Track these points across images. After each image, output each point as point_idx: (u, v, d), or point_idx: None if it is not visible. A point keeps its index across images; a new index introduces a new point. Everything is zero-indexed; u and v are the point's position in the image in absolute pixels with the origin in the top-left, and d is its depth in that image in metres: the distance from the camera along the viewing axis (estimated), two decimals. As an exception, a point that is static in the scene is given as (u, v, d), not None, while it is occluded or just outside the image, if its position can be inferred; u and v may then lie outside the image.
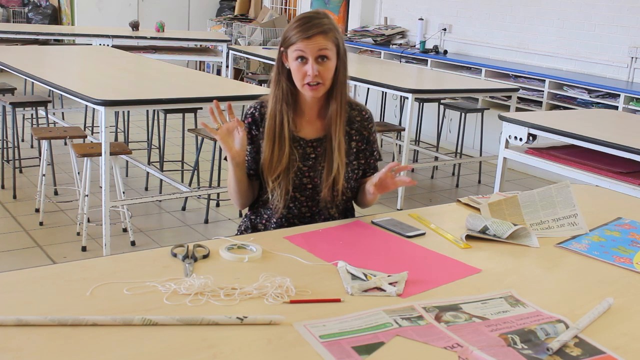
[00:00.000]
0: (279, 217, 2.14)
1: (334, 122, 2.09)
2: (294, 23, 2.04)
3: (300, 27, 2.01)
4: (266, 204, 2.17)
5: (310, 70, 2.01)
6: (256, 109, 2.15)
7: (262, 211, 2.19)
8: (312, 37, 2.00)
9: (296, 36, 2.00)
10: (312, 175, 2.12)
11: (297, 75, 2.04)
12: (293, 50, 2.01)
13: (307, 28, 2.00)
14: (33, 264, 3.40)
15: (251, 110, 2.16)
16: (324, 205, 2.14)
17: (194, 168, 4.70)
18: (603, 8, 5.96)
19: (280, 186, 2.09)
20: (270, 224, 2.17)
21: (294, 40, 2.01)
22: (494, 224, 1.93)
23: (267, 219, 2.18)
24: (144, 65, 5.25)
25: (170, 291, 1.45)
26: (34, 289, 1.44)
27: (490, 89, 5.76)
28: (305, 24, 2.01)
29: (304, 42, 2.00)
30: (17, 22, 10.23)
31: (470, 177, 5.98)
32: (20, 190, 4.73)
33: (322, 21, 2.03)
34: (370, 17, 8.32)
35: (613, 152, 3.29)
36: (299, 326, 1.34)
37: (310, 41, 2.00)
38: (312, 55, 2.00)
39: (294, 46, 2.01)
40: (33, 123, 5.50)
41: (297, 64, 2.02)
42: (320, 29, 2.01)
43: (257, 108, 2.15)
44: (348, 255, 1.72)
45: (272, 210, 2.14)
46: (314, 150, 2.12)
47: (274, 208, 2.12)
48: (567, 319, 1.45)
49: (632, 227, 2.09)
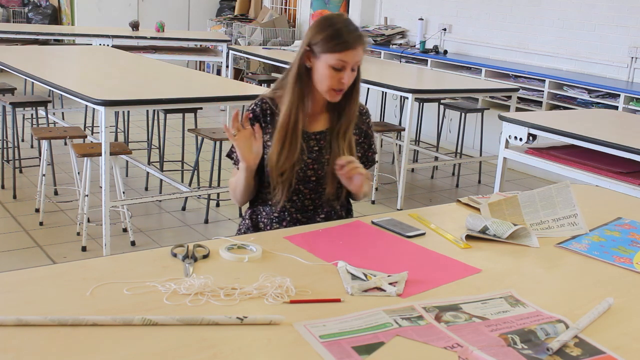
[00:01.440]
0: (281, 210, 2.15)
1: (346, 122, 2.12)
2: (332, 30, 2.01)
3: (344, 37, 2.00)
4: (266, 201, 2.18)
5: (346, 79, 2.03)
6: (257, 105, 2.16)
7: (262, 208, 2.20)
8: (356, 48, 2.02)
9: (340, 46, 2.00)
10: (315, 167, 2.13)
11: (326, 81, 2.04)
12: (333, 59, 2.00)
13: (353, 39, 2.01)
14: (33, 264, 3.41)
15: (252, 107, 2.16)
16: (327, 199, 2.15)
17: (194, 168, 4.70)
18: (603, 8, 5.96)
19: (284, 180, 2.10)
20: (271, 220, 2.17)
21: (337, 49, 2.00)
22: (494, 224, 1.93)
23: (267, 215, 2.18)
24: (144, 65, 5.25)
25: (170, 291, 1.45)
26: (34, 289, 1.44)
27: (490, 89, 5.76)
28: (348, 34, 2.01)
29: (347, 53, 2.01)
30: (17, 22, 10.23)
31: (470, 177, 5.98)
32: (20, 190, 4.73)
33: (361, 31, 2.05)
34: (370, 17, 8.33)
35: (613, 152, 3.29)
36: (299, 326, 1.34)
37: (354, 52, 2.02)
38: (350, 66, 2.03)
39: (335, 55, 2.00)
40: (33, 123, 5.50)
41: (331, 70, 2.02)
42: (362, 40, 2.04)
43: (257, 104, 2.16)
44: (348, 255, 1.72)
45: (273, 204, 2.14)
46: (317, 142, 2.14)
47: (275, 201, 2.12)
48: (567, 319, 1.45)
49: (632, 227, 2.09)
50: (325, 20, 2.06)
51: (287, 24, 9.23)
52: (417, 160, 6.24)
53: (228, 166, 2.23)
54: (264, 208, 2.19)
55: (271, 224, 2.17)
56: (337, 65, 2.01)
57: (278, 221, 2.16)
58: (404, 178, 4.89)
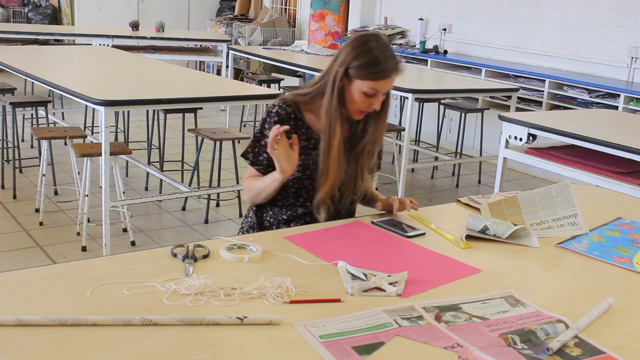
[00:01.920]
0: (290, 213, 2.15)
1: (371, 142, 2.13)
2: (370, 57, 1.98)
3: (381, 67, 1.99)
4: (275, 201, 2.17)
5: (376, 105, 2.04)
6: (281, 107, 2.11)
7: (269, 208, 2.19)
8: (392, 77, 2.02)
9: (376, 75, 1.99)
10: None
11: (356, 105, 2.04)
12: (367, 87, 2.00)
13: (390, 69, 2.00)
14: (33, 264, 3.41)
15: (276, 109, 2.11)
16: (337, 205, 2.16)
17: (194, 168, 4.70)
18: (603, 8, 5.96)
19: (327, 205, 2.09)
20: (278, 221, 2.17)
21: (372, 78, 1.99)
22: (494, 224, 1.93)
23: (274, 215, 2.17)
24: (144, 65, 5.25)
25: (170, 291, 1.45)
26: (34, 289, 1.44)
27: (490, 89, 5.76)
28: (386, 62, 1.99)
29: (382, 82, 2.01)
30: (17, 22, 10.23)
31: (470, 177, 5.98)
32: (20, 190, 4.73)
33: (398, 58, 2.03)
34: (370, 17, 8.32)
35: (613, 152, 3.29)
36: (299, 326, 1.34)
37: (389, 81, 2.02)
38: (382, 92, 2.03)
39: (370, 83, 1.99)
40: (33, 123, 5.50)
41: (362, 96, 2.02)
42: (398, 69, 2.03)
43: (281, 107, 2.11)
44: (348, 255, 1.72)
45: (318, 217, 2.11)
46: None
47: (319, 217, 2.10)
48: (567, 319, 1.45)
49: (632, 227, 2.09)
50: (363, 43, 2.01)
51: (287, 24, 9.23)
52: (417, 160, 6.24)
53: (228, 166, 2.23)
54: (272, 208, 2.18)
55: (278, 225, 2.17)
56: (370, 93, 2.01)
57: (285, 222, 2.16)
58: (404, 178, 4.89)
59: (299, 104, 2.13)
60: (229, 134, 4.41)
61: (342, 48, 2.07)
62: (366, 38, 2.03)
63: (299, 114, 2.12)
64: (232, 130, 4.75)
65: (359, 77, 2.00)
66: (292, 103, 2.12)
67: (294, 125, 2.10)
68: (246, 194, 2.20)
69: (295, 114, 2.11)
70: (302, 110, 2.12)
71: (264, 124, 2.12)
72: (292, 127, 2.10)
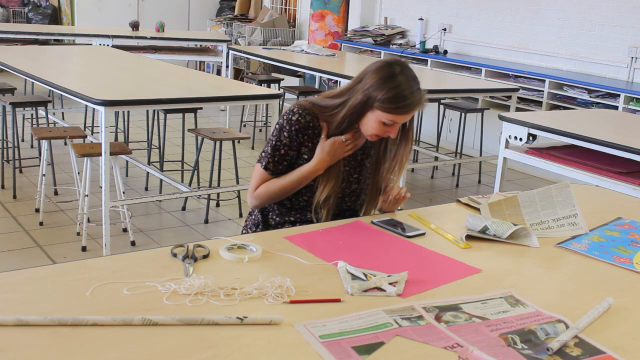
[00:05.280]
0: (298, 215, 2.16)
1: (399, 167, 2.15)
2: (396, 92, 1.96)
3: (405, 102, 1.97)
4: (282, 202, 2.18)
5: (392, 134, 2.04)
6: (302, 115, 2.09)
7: (276, 206, 2.19)
8: (412, 112, 2.01)
9: (398, 110, 1.97)
10: (342, 186, 2.16)
11: (373, 130, 2.04)
12: (387, 118, 1.99)
13: (413, 105, 1.99)
14: (33, 264, 3.41)
15: (296, 117, 2.09)
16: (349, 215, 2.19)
17: (194, 168, 4.70)
18: (603, 8, 5.95)
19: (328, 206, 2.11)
20: (284, 221, 2.18)
21: (394, 112, 1.98)
22: (494, 224, 1.93)
23: (280, 214, 2.18)
24: (144, 65, 5.25)
25: (170, 291, 1.45)
26: (34, 289, 1.44)
27: (490, 89, 5.76)
28: (411, 97, 1.98)
29: (403, 116, 2.01)
30: (17, 22, 10.23)
31: (470, 177, 5.98)
32: (20, 190, 4.72)
33: (422, 93, 2.02)
34: (370, 17, 8.32)
35: (613, 152, 3.29)
36: (299, 326, 1.34)
37: (408, 115, 2.02)
38: (401, 123, 2.03)
39: (389, 115, 1.98)
40: (33, 123, 5.50)
41: (380, 124, 2.01)
42: (420, 104, 2.02)
43: (302, 114, 2.10)
44: (348, 255, 1.72)
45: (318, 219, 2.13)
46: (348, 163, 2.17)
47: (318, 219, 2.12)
48: (567, 319, 1.45)
49: (632, 227, 2.09)
50: (390, 75, 1.98)
51: (287, 24, 9.23)
52: (417, 160, 6.24)
53: (228, 166, 2.23)
54: (280, 208, 2.19)
55: (283, 225, 2.17)
56: (389, 123, 2.01)
57: (292, 223, 2.16)
58: (404, 178, 4.89)
59: (317, 113, 2.12)
60: (229, 134, 4.40)
61: (367, 71, 2.03)
62: (394, 70, 1.99)
63: (316, 122, 2.11)
64: (232, 130, 4.75)
65: (380, 109, 1.98)
66: (310, 111, 2.10)
67: (312, 134, 2.10)
68: (259, 200, 2.16)
69: (314, 123, 2.11)
70: (319, 119, 2.12)
71: (283, 132, 2.10)
72: (310, 134, 2.10)
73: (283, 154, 2.11)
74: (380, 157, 2.16)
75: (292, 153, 2.11)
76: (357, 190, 2.19)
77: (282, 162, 2.12)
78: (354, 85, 2.05)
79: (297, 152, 2.11)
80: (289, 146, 2.10)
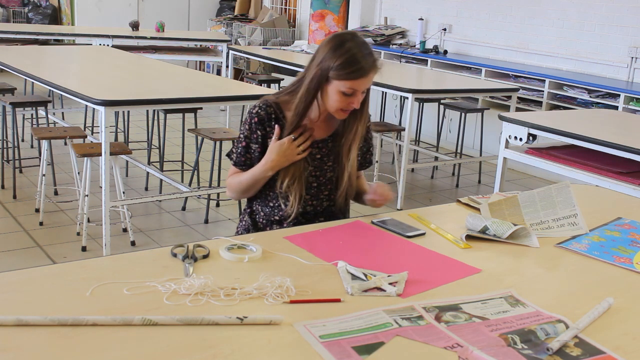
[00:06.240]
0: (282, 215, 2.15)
1: (351, 139, 2.13)
2: (347, 57, 1.97)
3: (358, 65, 1.98)
4: (266, 202, 2.18)
5: (355, 103, 2.04)
6: (262, 108, 2.12)
7: (261, 208, 2.20)
8: (369, 75, 2.01)
9: (353, 74, 1.98)
10: (317, 174, 2.15)
11: (336, 104, 2.04)
12: (345, 87, 1.99)
13: (367, 67, 1.99)
14: (33, 264, 3.41)
15: (256, 110, 2.13)
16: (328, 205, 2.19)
17: (194, 168, 4.70)
18: (603, 8, 5.96)
19: (295, 191, 2.10)
20: (271, 222, 2.17)
21: (349, 77, 1.98)
22: (494, 224, 1.93)
23: (266, 216, 2.18)
24: (144, 65, 5.25)
25: (170, 291, 1.45)
26: (34, 289, 1.44)
27: (490, 89, 5.76)
28: (363, 61, 1.98)
29: (360, 81, 2.00)
30: (17, 22, 10.23)
31: (470, 177, 5.98)
32: (20, 190, 4.73)
33: (375, 56, 2.02)
34: (370, 17, 8.32)
35: (613, 152, 3.29)
36: (299, 326, 1.34)
37: (366, 79, 2.01)
38: (361, 90, 2.02)
39: (347, 82, 1.99)
40: (33, 123, 5.50)
41: (341, 95, 2.01)
42: (375, 67, 2.02)
43: (262, 107, 2.12)
44: (348, 255, 1.72)
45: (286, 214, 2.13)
46: (320, 150, 2.16)
47: (289, 211, 2.12)
48: (567, 319, 1.45)
49: (632, 227, 2.09)
50: (339, 43, 2.00)
51: (287, 24, 9.23)
52: (417, 160, 6.24)
53: (228, 166, 2.23)
54: (263, 209, 2.19)
55: (271, 226, 2.17)
56: (348, 92, 2.01)
57: (277, 222, 2.17)
58: (404, 178, 4.89)
59: (280, 104, 2.13)
60: (229, 134, 4.40)
61: (319, 48, 2.06)
62: (343, 37, 2.02)
63: (279, 114, 2.12)
64: (232, 130, 4.75)
65: (336, 78, 2.00)
66: (272, 103, 2.13)
67: (274, 126, 2.11)
68: (230, 191, 2.23)
69: (276, 114, 2.12)
70: (283, 110, 2.13)
71: (245, 124, 2.15)
72: (273, 126, 2.11)
73: (245, 146, 2.15)
74: (343, 134, 2.16)
75: (254, 146, 2.13)
76: (333, 178, 2.18)
77: (244, 154, 2.16)
78: (309, 64, 2.08)
79: (260, 145, 2.13)
80: (249, 138, 2.13)
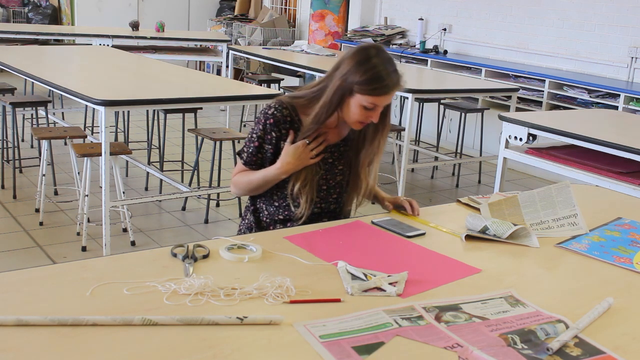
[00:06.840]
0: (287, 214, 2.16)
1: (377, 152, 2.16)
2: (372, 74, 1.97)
3: (383, 82, 1.98)
4: (271, 201, 2.18)
5: (375, 118, 2.04)
6: (277, 109, 2.10)
7: (265, 207, 2.20)
8: (392, 93, 2.01)
9: (377, 91, 1.98)
10: (327, 177, 2.16)
11: (355, 116, 2.04)
12: (367, 101, 1.99)
13: (391, 85, 1.99)
14: (33, 264, 3.40)
15: (272, 111, 2.10)
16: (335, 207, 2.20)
17: (194, 168, 4.70)
18: (603, 8, 5.95)
19: (306, 194, 2.10)
20: (275, 221, 2.18)
21: (373, 94, 1.98)
22: (494, 224, 1.93)
23: (270, 215, 2.18)
24: (144, 65, 5.25)
25: (170, 291, 1.45)
26: (34, 289, 1.44)
27: (490, 89, 5.76)
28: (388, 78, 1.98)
29: (382, 97, 2.00)
30: (17, 22, 10.23)
31: (470, 177, 5.98)
32: (20, 190, 4.72)
33: (399, 74, 2.02)
34: (370, 17, 8.32)
35: (613, 152, 3.29)
36: (299, 326, 1.34)
37: (389, 96, 2.02)
38: (381, 106, 2.03)
39: (369, 97, 1.99)
40: (33, 123, 5.50)
41: (362, 109, 2.01)
42: (399, 85, 2.02)
43: (278, 109, 2.10)
44: (348, 255, 1.72)
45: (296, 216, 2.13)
46: (331, 155, 2.16)
47: (297, 216, 2.12)
48: (567, 319, 1.45)
49: (632, 227, 2.09)
50: (365, 58, 1.99)
51: (287, 24, 9.23)
52: (417, 160, 6.24)
53: (228, 166, 2.23)
54: (268, 208, 2.19)
55: (274, 225, 2.17)
56: (369, 107, 2.01)
57: (282, 222, 2.16)
58: (404, 178, 4.89)
59: (295, 107, 2.12)
60: (229, 134, 4.40)
61: (344, 58, 2.04)
62: (369, 52, 2.00)
63: (295, 116, 2.11)
64: (232, 130, 4.75)
65: (359, 92, 1.99)
66: (288, 105, 2.11)
67: (290, 128, 2.11)
68: (235, 188, 2.21)
69: (292, 117, 2.11)
70: (298, 113, 2.12)
71: (259, 124, 2.12)
72: (288, 129, 2.10)
73: (257, 146, 2.13)
74: (359, 144, 2.16)
75: (266, 146, 2.12)
76: (342, 182, 2.19)
77: (256, 154, 2.14)
78: (332, 73, 2.07)
79: (273, 146, 2.12)
80: (262, 139, 2.12)
